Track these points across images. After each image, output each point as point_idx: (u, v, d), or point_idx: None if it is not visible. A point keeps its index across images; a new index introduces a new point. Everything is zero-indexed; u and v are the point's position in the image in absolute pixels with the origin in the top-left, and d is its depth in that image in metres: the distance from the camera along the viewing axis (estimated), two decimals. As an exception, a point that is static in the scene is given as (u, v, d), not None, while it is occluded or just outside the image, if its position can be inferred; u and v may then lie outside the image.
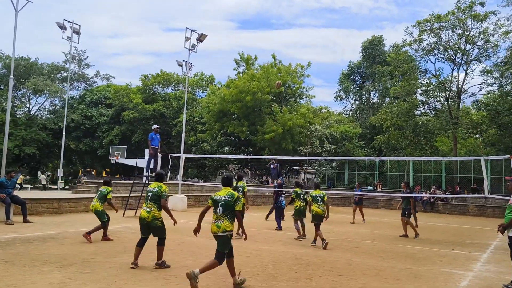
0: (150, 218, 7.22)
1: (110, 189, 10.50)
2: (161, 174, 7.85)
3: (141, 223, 7.34)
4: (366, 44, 48.84)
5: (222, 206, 6.14)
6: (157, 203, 7.28)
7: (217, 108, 35.16)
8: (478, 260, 9.89)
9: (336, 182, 35.91)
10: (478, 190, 27.13)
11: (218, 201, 6.20)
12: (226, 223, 6.10)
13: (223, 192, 6.31)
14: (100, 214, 10.10)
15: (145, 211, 7.26)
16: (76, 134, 45.96)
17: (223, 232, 6.08)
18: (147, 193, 7.43)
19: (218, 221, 6.12)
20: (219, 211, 6.14)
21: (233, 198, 6.18)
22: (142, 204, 7.54)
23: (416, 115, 35.94)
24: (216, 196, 6.28)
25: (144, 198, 7.53)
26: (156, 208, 7.26)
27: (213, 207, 6.26)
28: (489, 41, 31.11)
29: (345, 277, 7.45)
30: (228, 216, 6.13)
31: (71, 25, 27.30)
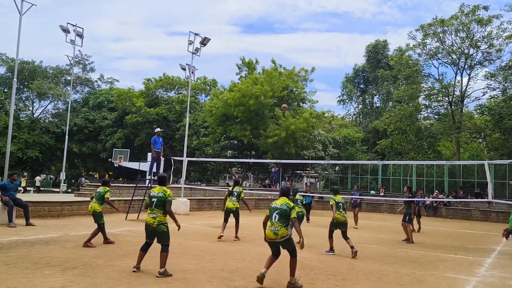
0: (156, 224, 7.12)
1: (108, 189, 10.33)
2: (164, 177, 7.77)
3: (146, 229, 7.26)
4: (370, 48, 48.87)
5: (278, 214, 6.60)
6: (162, 208, 7.19)
7: (220, 112, 35.16)
8: (482, 265, 9.81)
9: (339, 186, 35.79)
10: (482, 195, 27.02)
11: (274, 209, 6.68)
12: (283, 229, 6.55)
13: (280, 201, 6.80)
14: (98, 216, 9.90)
15: (150, 217, 7.18)
16: (79, 137, 46.03)
17: (281, 238, 6.56)
18: (151, 199, 7.30)
19: (275, 229, 6.57)
20: (274, 218, 6.59)
21: (288, 208, 6.63)
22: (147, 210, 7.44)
23: (419, 119, 35.88)
24: (274, 205, 6.78)
25: (148, 203, 7.37)
26: (162, 214, 7.18)
27: (269, 214, 6.73)
28: (493, 45, 31.04)
29: (348, 281, 7.41)
30: (283, 223, 6.56)
31: (75, 28, 27.43)
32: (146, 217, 7.26)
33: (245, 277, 7.35)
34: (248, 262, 8.73)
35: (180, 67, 24.91)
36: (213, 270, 7.75)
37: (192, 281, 6.84)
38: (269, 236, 6.64)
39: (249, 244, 11.33)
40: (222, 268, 7.92)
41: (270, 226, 6.63)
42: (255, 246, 11.07)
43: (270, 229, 6.63)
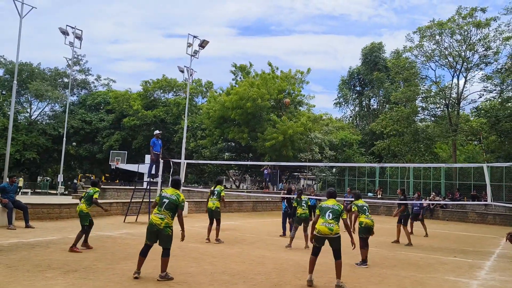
0: (163, 226, 6.88)
1: (97, 190, 9.98)
2: (179, 181, 7.64)
3: (150, 230, 6.97)
4: (366, 51, 49.04)
5: (331, 212, 7.17)
6: (172, 211, 7.00)
7: (217, 114, 35.18)
8: (482, 268, 9.84)
9: (336, 189, 35.84)
10: (478, 197, 27.13)
11: (327, 209, 7.23)
12: (336, 226, 7.10)
13: (330, 202, 7.40)
14: (84, 217, 9.53)
15: (158, 217, 6.92)
16: (75, 139, 45.91)
17: (335, 234, 7.07)
18: (162, 199, 7.06)
19: (329, 225, 7.07)
20: (328, 216, 7.14)
21: (340, 208, 7.27)
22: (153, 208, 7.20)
23: (415, 121, 36.02)
24: (325, 205, 7.34)
25: (157, 202, 7.16)
26: (171, 217, 6.98)
27: (320, 214, 7.26)
28: (490, 47, 31.21)
29: (350, 284, 7.41)
30: (336, 221, 7.15)
31: (73, 30, 27.38)
32: (152, 217, 6.99)
33: (247, 280, 7.35)
34: (249, 265, 8.72)
35: (178, 69, 24.98)
36: (214, 273, 7.74)
37: (193, 285, 6.83)
38: (323, 231, 7.05)
39: (249, 247, 11.32)
40: (223, 271, 7.92)
41: (324, 223, 7.09)
42: (255, 248, 11.07)
43: (324, 225, 7.08)
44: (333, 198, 7.53)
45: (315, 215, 7.51)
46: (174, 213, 7.02)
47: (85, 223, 9.56)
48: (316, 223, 7.24)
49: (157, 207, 7.09)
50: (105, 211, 10.29)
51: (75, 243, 9.20)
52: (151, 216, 7.07)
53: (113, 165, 38.08)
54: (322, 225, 7.07)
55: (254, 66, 40.40)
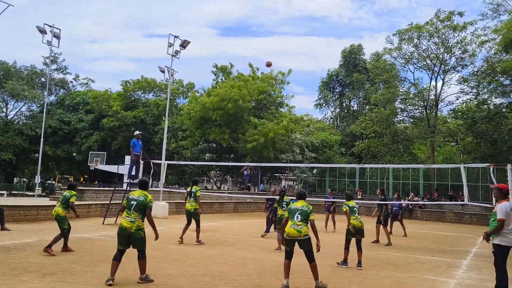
0: (134, 229, 6.72)
1: (74, 193, 9.73)
2: (146, 182, 7.44)
3: (121, 234, 6.77)
4: (346, 53, 49.50)
5: (300, 214, 7.02)
6: (142, 213, 6.84)
7: (198, 115, 34.99)
8: (459, 267, 10.02)
9: (317, 189, 36.07)
10: (455, 197, 27.63)
11: (296, 210, 7.08)
12: (305, 228, 6.95)
13: (299, 203, 7.25)
14: (61, 220, 9.29)
15: (127, 221, 6.74)
16: (53, 140, 45.01)
17: (305, 236, 6.93)
18: (130, 201, 6.89)
19: (297, 227, 6.93)
20: (296, 217, 6.99)
21: (309, 209, 7.11)
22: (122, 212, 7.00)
23: (395, 122, 36.51)
24: (294, 206, 7.21)
25: (124, 206, 6.98)
26: (141, 219, 6.83)
27: (289, 216, 7.12)
28: (467, 50, 31.89)
29: (330, 285, 7.45)
30: (305, 223, 6.99)
31: (52, 29, 26.88)
32: (122, 221, 6.80)
33: (228, 281, 7.32)
34: (230, 266, 8.69)
35: (159, 69, 24.71)
36: (195, 275, 7.69)
37: (174, 287, 6.78)
38: (292, 233, 6.92)
39: (230, 248, 11.29)
40: (204, 273, 7.87)
41: (293, 225, 6.96)
42: (236, 250, 11.04)
43: (293, 227, 6.94)
44: (302, 199, 7.41)
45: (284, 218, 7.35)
46: (144, 214, 6.86)
47: (64, 226, 9.32)
48: (286, 225, 7.11)
49: (125, 211, 6.89)
50: (76, 217, 9.80)
51: (51, 244, 8.99)
52: (121, 220, 6.87)
53: (92, 166, 37.51)
54: (291, 228, 6.94)
55: (235, 66, 40.32)
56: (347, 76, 49.58)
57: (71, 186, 10.09)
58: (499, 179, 13.95)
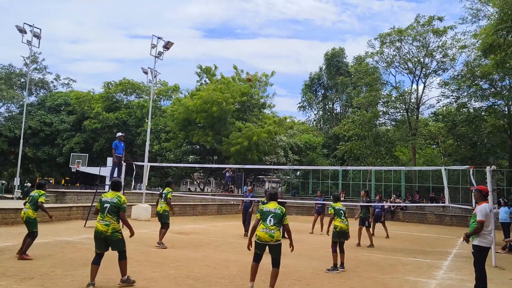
0: (110, 232, 6.62)
1: (43, 193, 9.22)
2: (119, 183, 7.31)
3: (97, 238, 6.68)
4: (329, 56, 49.89)
5: (273, 217, 6.65)
6: (116, 215, 6.73)
7: (182, 117, 34.79)
8: (440, 268, 10.16)
9: (300, 191, 36.20)
10: (436, 199, 28.01)
11: (268, 213, 6.70)
12: (278, 233, 6.61)
13: (272, 205, 6.84)
14: (32, 223, 8.90)
15: (102, 224, 6.64)
16: (34, 141, 44.23)
17: (276, 241, 6.59)
18: (103, 204, 6.77)
19: (270, 231, 6.58)
20: (269, 221, 6.63)
21: (282, 212, 6.74)
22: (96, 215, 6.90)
23: (377, 125, 36.90)
24: (266, 208, 6.79)
25: (98, 209, 6.86)
26: (116, 221, 6.73)
27: (261, 218, 6.73)
28: (447, 54, 32.45)
29: (313, 286, 7.49)
30: (278, 227, 6.64)
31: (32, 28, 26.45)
32: (97, 225, 6.69)
33: (211, 284, 7.29)
34: (212, 268, 8.65)
35: (142, 70, 24.52)
36: (178, 277, 7.64)
37: (157, 290, 6.71)
38: (263, 238, 6.58)
39: (213, 250, 11.24)
40: (187, 276, 7.82)
41: (264, 229, 6.61)
42: (219, 252, 11.00)
43: (264, 231, 6.60)
44: (274, 200, 7.00)
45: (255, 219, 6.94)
46: (118, 216, 6.77)
47: (35, 229, 8.94)
48: (256, 228, 6.75)
49: (99, 214, 6.79)
50: (49, 218, 9.36)
51: (25, 250, 8.70)
52: (96, 224, 6.75)
53: (73, 168, 36.96)
54: (263, 231, 6.58)
55: (219, 68, 40.21)
56: (330, 79, 49.95)
57: (40, 185, 9.50)
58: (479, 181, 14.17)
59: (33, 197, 9.07)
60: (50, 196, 18.95)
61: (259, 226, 6.72)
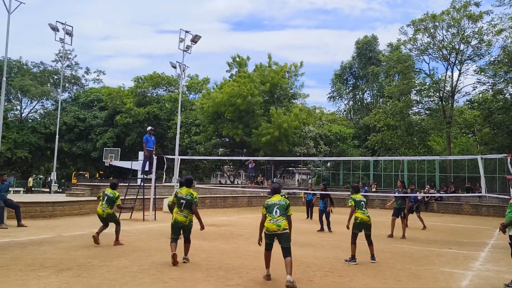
0: (188, 222, 8.04)
1: (118, 195, 10.29)
2: (191, 180, 8.51)
3: (176, 226, 8.07)
4: (360, 44, 48.97)
5: (278, 208, 6.95)
6: (190, 208, 8.02)
7: (211, 110, 35.06)
8: (477, 259, 9.87)
9: (331, 183, 35.93)
10: (472, 189, 27.25)
11: (273, 205, 6.99)
12: (284, 222, 6.87)
13: (276, 198, 7.15)
14: (113, 217, 10.18)
15: (181, 215, 8.02)
16: (69, 137, 45.55)
17: (283, 230, 6.83)
18: (179, 200, 8.07)
19: (277, 221, 6.85)
20: (275, 212, 6.91)
21: (286, 203, 7.07)
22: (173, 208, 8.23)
23: (409, 114, 36.10)
24: (271, 202, 7.09)
25: (175, 203, 8.15)
26: (191, 213, 8.06)
27: (267, 211, 7.01)
28: (483, 40, 31.27)
29: (345, 278, 7.41)
30: (284, 217, 6.92)
31: (64, 26, 27.09)
32: (176, 216, 8.05)
33: (242, 275, 7.32)
34: (244, 260, 8.69)
35: (171, 65, 24.85)
36: (210, 268, 7.71)
37: (189, 280, 6.79)
38: (271, 228, 6.85)
39: (244, 242, 11.28)
40: (219, 267, 7.88)
41: (272, 220, 6.88)
42: (250, 244, 11.02)
43: (271, 222, 6.86)
44: (278, 193, 7.29)
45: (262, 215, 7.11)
46: (191, 209, 8.06)
47: (117, 219, 10.20)
48: (263, 222, 7.02)
49: (176, 207, 8.12)
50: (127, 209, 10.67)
51: (117, 237, 10.03)
52: (175, 215, 8.10)
53: (106, 163, 37.88)
54: (270, 222, 6.88)
55: (250, 59, 40.21)
56: (361, 68, 49.11)
57: (114, 185, 10.49)
58: (516, 170, 13.67)
59: (109, 197, 10.06)
60: (85, 190, 19.52)
61: (266, 218, 6.98)
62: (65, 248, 9.20)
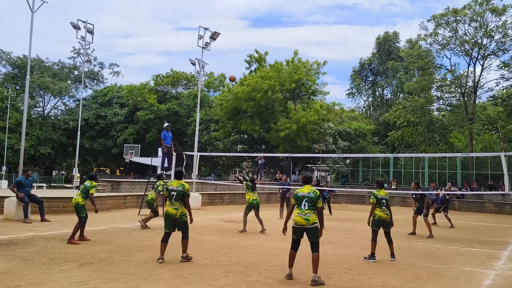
0: (179, 215, 7.70)
1: (95, 184, 9.83)
2: (181, 172, 8.29)
3: (167, 219, 7.78)
4: (380, 40, 48.41)
5: (307, 201, 6.71)
6: (182, 201, 7.76)
7: (231, 106, 35.13)
8: (499, 258, 9.69)
9: (350, 180, 35.67)
10: (495, 187, 26.71)
11: (303, 198, 6.76)
12: (313, 216, 6.68)
13: (306, 189, 6.87)
14: (80, 209, 9.52)
15: (172, 208, 7.73)
16: (90, 134, 46.33)
17: (312, 224, 6.65)
18: (170, 192, 7.81)
19: (305, 215, 6.66)
20: (304, 205, 6.71)
21: (316, 195, 6.76)
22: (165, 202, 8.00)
23: (430, 110, 35.54)
24: (300, 193, 6.84)
25: (167, 196, 7.91)
26: (183, 206, 7.77)
27: (296, 203, 6.82)
28: (507, 34, 30.52)
29: (365, 275, 7.35)
30: (313, 210, 6.70)
31: (85, 25, 27.45)
32: (167, 209, 7.81)
33: (261, 271, 7.33)
34: (263, 256, 8.70)
35: (190, 62, 24.87)
36: (229, 264, 7.74)
37: (208, 276, 6.83)
38: (299, 222, 6.67)
39: (263, 238, 11.30)
40: (238, 263, 7.91)
41: (300, 213, 6.70)
42: (269, 240, 11.04)
43: (300, 216, 6.69)
44: (308, 184, 7.01)
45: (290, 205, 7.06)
46: (183, 202, 7.81)
47: (82, 215, 9.51)
48: (292, 213, 6.89)
49: (168, 200, 7.85)
50: (95, 211, 9.78)
51: (73, 234, 9.28)
52: (166, 208, 7.86)
53: (127, 159, 38.37)
54: (298, 216, 6.69)
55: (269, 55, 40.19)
56: (380, 64, 48.54)
57: (91, 176, 10.04)
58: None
59: (85, 186, 9.71)
60: (106, 186, 19.80)
61: (294, 211, 6.82)
62: (87, 242, 9.36)
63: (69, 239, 9.21)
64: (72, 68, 48.36)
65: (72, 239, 9.22)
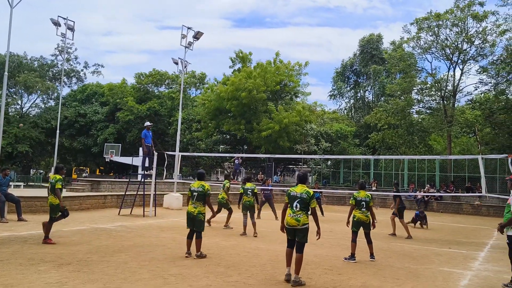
0: (196, 213, 8.24)
1: (59, 178, 9.26)
2: (203, 174, 8.88)
3: (188, 217, 8.35)
4: (364, 42, 48.84)
5: (299, 202, 6.67)
6: (202, 200, 8.34)
7: (213, 106, 34.99)
8: (476, 259, 9.89)
9: (331, 181, 35.93)
10: (473, 189, 27.24)
11: (295, 198, 6.71)
12: (304, 217, 6.64)
13: (299, 189, 6.79)
14: (54, 209, 9.19)
15: (192, 207, 8.32)
16: (69, 132, 45.60)
17: (303, 225, 6.62)
18: (192, 193, 8.40)
19: (296, 216, 6.64)
20: (295, 206, 6.67)
21: (309, 196, 6.68)
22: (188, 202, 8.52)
23: (410, 113, 36.06)
24: (293, 193, 6.78)
25: (189, 196, 8.45)
26: (202, 205, 8.35)
27: (289, 202, 6.79)
28: (487, 40, 31.14)
29: (344, 276, 7.41)
30: (305, 211, 6.67)
31: (65, 21, 27.05)
32: (188, 207, 8.40)
33: (242, 272, 7.33)
34: (243, 257, 8.70)
35: (172, 61, 24.75)
36: (209, 265, 7.72)
37: (189, 276, 6.80)
38: (290, 222, 6.68)
39: (244, 239, 11.31)
40: (218, 263, 7.90)
41: (291, 214, 6.70)
42: (250, 241, 11.05)
43: (291, 216, 6.70)
44: (303, 183, 6.89)
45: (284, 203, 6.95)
46: (204, 201, 8.40)
47: (53, 215, 9.21)
48: (286, 210, 6.85)
49: (190, 200, 8.43)
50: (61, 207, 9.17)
51: (47, 234, 9.12)
52: (188, 207, 8.45)
53: (107, 158, 37.90)
54: (289, 217, 6.68)
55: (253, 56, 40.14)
56: (363, 67, 49.01)
57: (57, 169, 9.66)
58: (517, 170, 13.65)
59: (51, 183, 9.29)
60: (86, 185, 19.53)
61: (287, 210, 6.83)
62: (65, 243, 9.21)
63: (44, 239, 9.07)
64: (51, 66, 47.53)
65: (47, 239, 9.07)
